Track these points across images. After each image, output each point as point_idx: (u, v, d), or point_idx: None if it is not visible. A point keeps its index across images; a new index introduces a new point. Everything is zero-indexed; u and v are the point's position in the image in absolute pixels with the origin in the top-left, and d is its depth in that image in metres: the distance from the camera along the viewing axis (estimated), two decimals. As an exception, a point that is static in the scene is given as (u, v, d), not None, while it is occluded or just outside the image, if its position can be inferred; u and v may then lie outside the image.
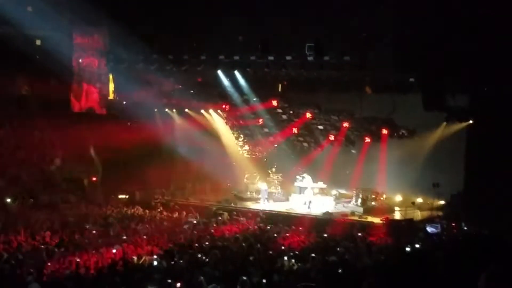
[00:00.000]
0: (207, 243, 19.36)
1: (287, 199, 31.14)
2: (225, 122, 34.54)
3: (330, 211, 28.00)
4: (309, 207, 28.65)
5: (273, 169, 32.97)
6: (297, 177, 30.80)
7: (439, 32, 22.00)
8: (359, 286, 6.48)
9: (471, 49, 21.50)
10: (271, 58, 26.63)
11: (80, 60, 30.56)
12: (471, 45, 21.36)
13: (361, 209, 28.55)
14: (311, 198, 29.31)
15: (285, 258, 16.11)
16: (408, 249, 17.75)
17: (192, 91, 32.59)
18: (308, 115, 31.59)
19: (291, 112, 32.60)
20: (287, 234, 22.52)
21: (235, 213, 27.89)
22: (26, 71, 30.29)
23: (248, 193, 32.55)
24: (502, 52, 21.60)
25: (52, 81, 29.46)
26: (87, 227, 22.35)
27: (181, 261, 15.82)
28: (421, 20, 22.37)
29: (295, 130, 33.01)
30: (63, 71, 29.24)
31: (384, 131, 30.21)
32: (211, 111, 33.80)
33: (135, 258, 16.24)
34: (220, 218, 26.36)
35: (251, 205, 30.34)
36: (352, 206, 29.83)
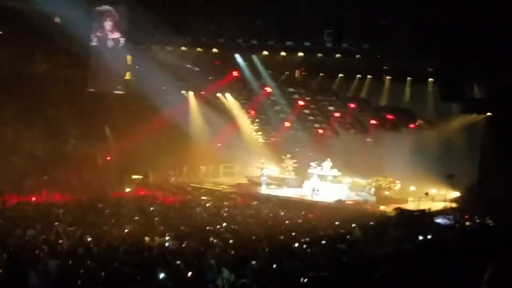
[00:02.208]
0: (218, 226, 19.38)
1: (300, 186, 31.10)
2: (241, 106, 34.38)
3: (343, 199, 27.93)
4: (314, 195, 28.50)
5: (288, 155, 32.87)
6: (311, 164, 30.71)
7: (458, 21, 21.75)
8: (370, 275, 6.43)
9: (491, 40, 21.24)
10: (289, 43, 26.48)
11: (100, 42, 30.56)
12: (492, 36, 21.10)
13: (374, 198, 28.45)
14: (317, 185, 29.19)
15: (296, 244, 16.11)
16: (419, 239, 17.66)
17: (208, 74, 32.49)
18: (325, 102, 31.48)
19: (308, 98, 32.44)
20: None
21: (247, 197, 27.94)
22: (44, 49, 30.35)
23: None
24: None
25: (69, 59, 29.52)
26: (100, 206, 22.42)
27: (193, 243, 15.85)
28: (441, 9, 22.12)
29: (311, 117, 32.79)
30: (81, 49, 29.25)
31: (400, 120, 29.99)
32: (227, 94, 33.71)
33: (146, 239, 16.28)
34: (232, 202, 26.38)
35: (265, 190, 30.31)
36: (365, 194, 29.71)
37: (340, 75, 30.44)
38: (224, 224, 20.07)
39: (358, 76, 29.77)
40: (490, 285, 3.43)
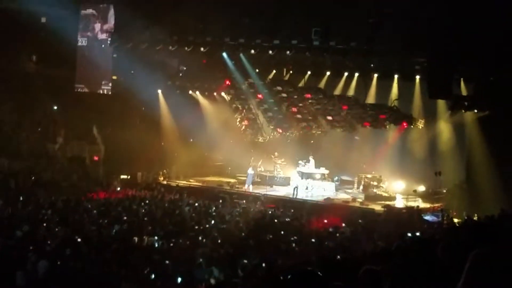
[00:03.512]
0: (207, 225, 19.37)
1: (288, 184, 31.12)
2: (229, 105, 34.25)
3: (331, 197, 27.98)
4: (295, 194, 28.48)
5: (276, 154, 32.87)
6: (299, 162, 30.76)
7: (446, 18, 21.83)
8: (359, 272, 6.44)
9: (479, 37, 21.32)
10: (276, 41, 26.45)
11: (85, 39, 30.44)
12: (479, 33, 21.18)
13: (362, 196, 28.52)
14: (299, 183, 29.17)
15: (285, 242, 16.14)
16: (408, 236, 17.72)
17: (196, 73, 32.41)
18: (312, 100, 31.32)
19: (295, 96, 32.34)
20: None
21: (236, 196, 27.94)
22: (31, 48, 30.22)
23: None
24: (509, 41, 21.42)
25: (56, 59, 29.38)
26: (89, 206, 22.35)
27: (181, 243, 15.84)
28: (428, 6, 22.18)
29: (298, 116, 32.65)
30: (68, 49, 29.13)
31: (388, 118, 29.97)
32: (215, 93, 33.60)
33: (135, 238, 16.25)
34: (221, 201, 26.36)
35: (251, 189, 30.27)
36: (353, 192, 29.78)
37: (327, 73, 30.52)
38: (213, 223, 20.09)
39: (345, 74, 29.86)
40: (469, 278, 3.46)
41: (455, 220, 23.23)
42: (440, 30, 22.06)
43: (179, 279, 11.60)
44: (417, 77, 27.43)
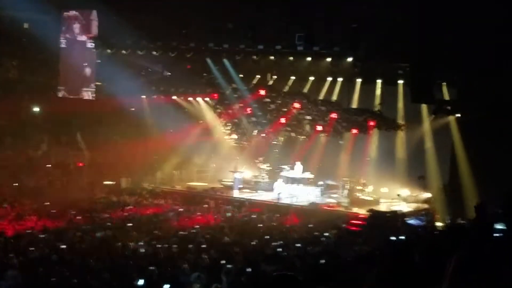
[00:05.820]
0: (192, 231, 19.34)
1: (273, 189, 31.07)
2: (213, 110, 34.17)
3: (316, 201, 28.00)
4: (279, 198, 28.47)
5: (261, 158, 32.86)
6: (284, 167, 30.74)
7: (428, 23, 21.99)
8: (344, 276, 6.49)
9: (461, 42, 21.51)
10: (260, 47, 26.52)
11: (68, 44, 30.32)
12: (461, 38, 21.37)
13: (347, 200, 28.55)
14: (281, 189, 29.14)
15: (270, 247, 16.15)
16: (392, 240, 17.78)
17: (180, 78, 32.35)
18: (297, 105, 31.31)
19: (279, 102, 32.39)
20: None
21: (221, 201, 27.89)
22: (13, 54, 30.05)
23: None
24: (491, 47, 21.64)
25: (39, 65, 29.26)
26: (73, 213, 22.24)
27: (166, 248, 15.80)
28: (410, 11, 22.35)
29: (283, 120, 32.63)
30: (50, 55, 29.00)
31: (372, 123, 30.07)
32: (198, 98, 33.55)
33: (119, 244, 16.20)
34: (206, 206, 26.30)
35: (238, 194, 30.23)
36: (338, 197, 29.78)
37: (311, 78, 30.59)
38: (197, 228, 20.05)
39: (329, 79, 29.94)
40: (452, 278, 3.50)
41: (439, 224, 23.39)
42: (422, 35, 22.22)
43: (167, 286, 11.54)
44: (400, 81, 27.60)
